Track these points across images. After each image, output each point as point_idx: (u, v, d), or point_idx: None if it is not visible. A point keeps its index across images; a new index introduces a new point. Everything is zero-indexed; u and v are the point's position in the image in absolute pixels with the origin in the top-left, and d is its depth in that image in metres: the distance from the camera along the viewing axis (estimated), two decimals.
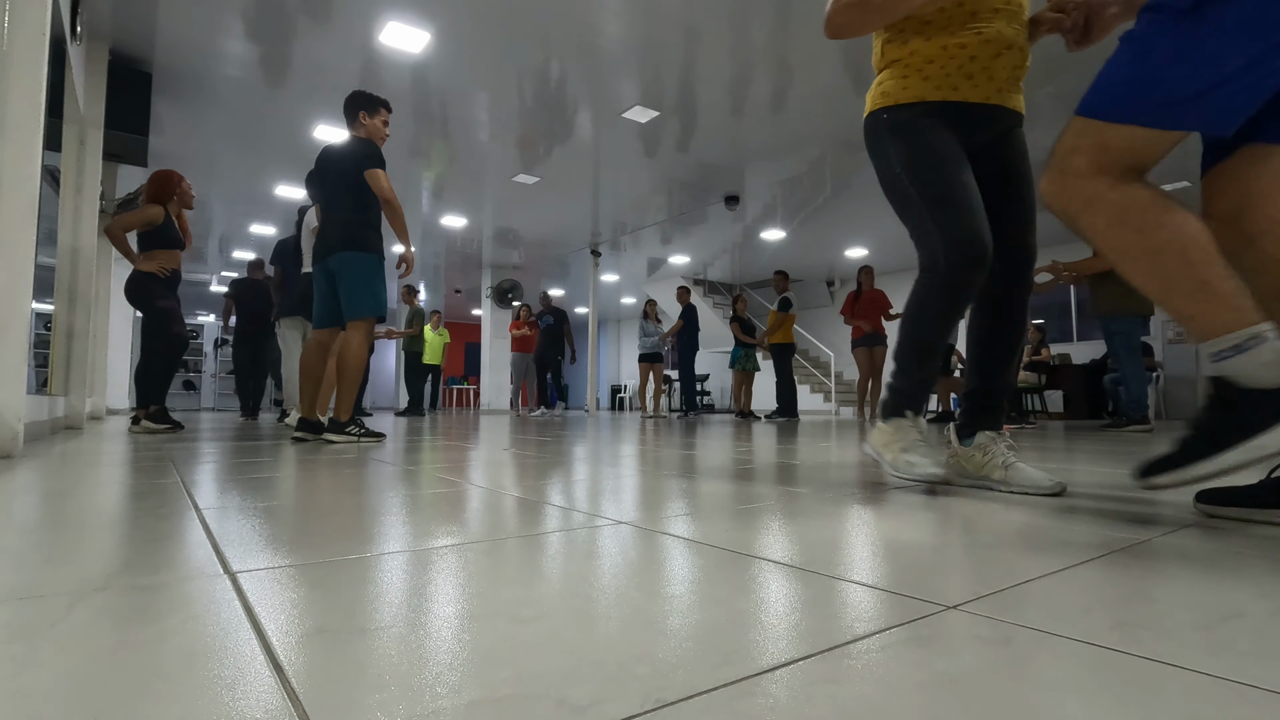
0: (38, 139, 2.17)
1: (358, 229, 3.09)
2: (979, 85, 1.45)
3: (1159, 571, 0.75)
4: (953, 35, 1.44)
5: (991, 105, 1.47)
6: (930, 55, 1.46)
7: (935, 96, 1.46)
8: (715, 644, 0.52)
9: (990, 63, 1.44)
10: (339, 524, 1.01)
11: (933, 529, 0.99)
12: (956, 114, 1.46)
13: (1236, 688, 0.44)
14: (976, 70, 1.44)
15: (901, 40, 1.50)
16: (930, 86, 1.46)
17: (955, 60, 1.44)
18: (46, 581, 0.69)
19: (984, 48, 1.43)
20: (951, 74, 1.45)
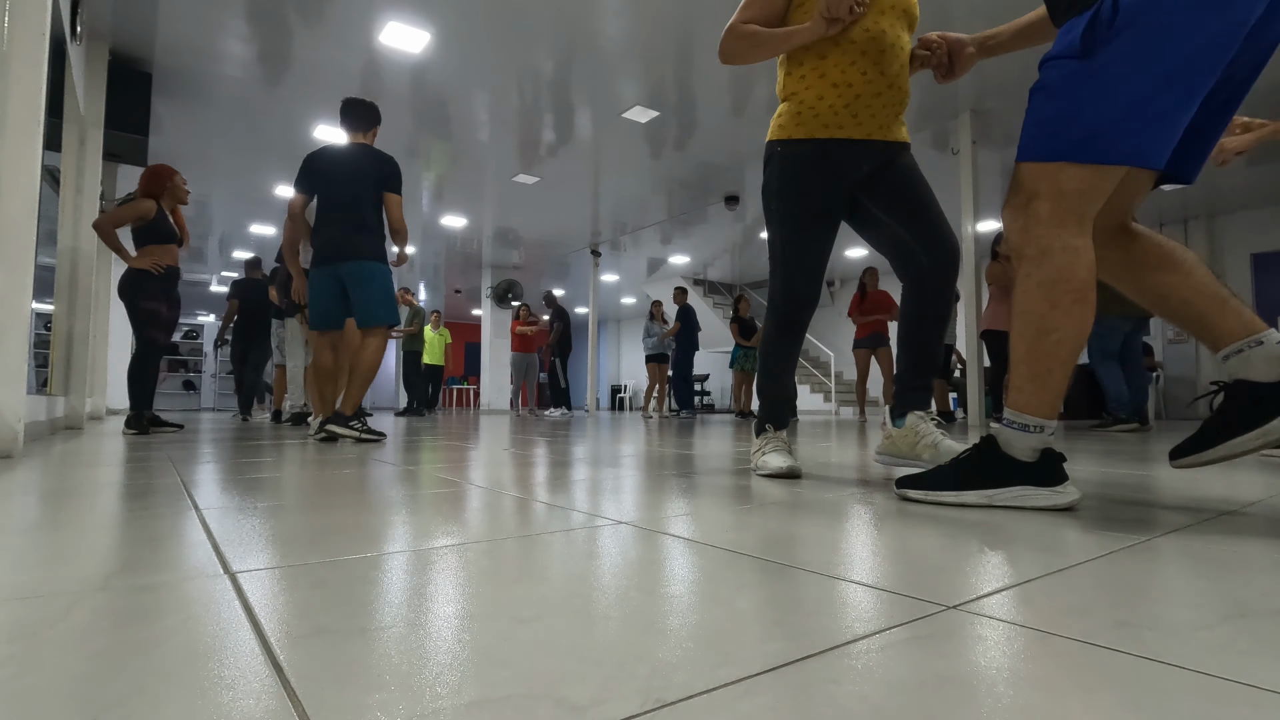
0: (38, 139, 2.17)
1: (381, 240, 3.19)
2: (862, 123, 1.63)
3: (1159, 571, 0.75)
4: (842, 72, 1.61)
5: (873, 140, 1.65)
6: (821, 92, 1.63)
7: (823, 134, 1.63)
8: (715, 644, 0.52)
9: (872, 101, 1.61)
10: (339, 524, 1.01)
11: (932, 529, 0.99)
12: (842, 149, 1.64)
13: (1236, 688, 0.44)
14: (860, 109, 1.61)
15: (799, 74, 1.67)
16: (819, 124, 1.63)
17: (843, 98, 1.61)
18: (46, 581, 0.69)
19: (867, 87, 1.60)
20: (839, 112, 1.62)
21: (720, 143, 6.55)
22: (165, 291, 3.78)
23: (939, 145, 6.54)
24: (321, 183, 3.16)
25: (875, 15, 1.61)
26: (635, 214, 9.01)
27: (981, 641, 0.52)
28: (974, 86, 5.35)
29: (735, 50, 1.66)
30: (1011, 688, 0.44)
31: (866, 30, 1.59)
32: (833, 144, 1.64)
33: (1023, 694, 0.43)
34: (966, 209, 5.81)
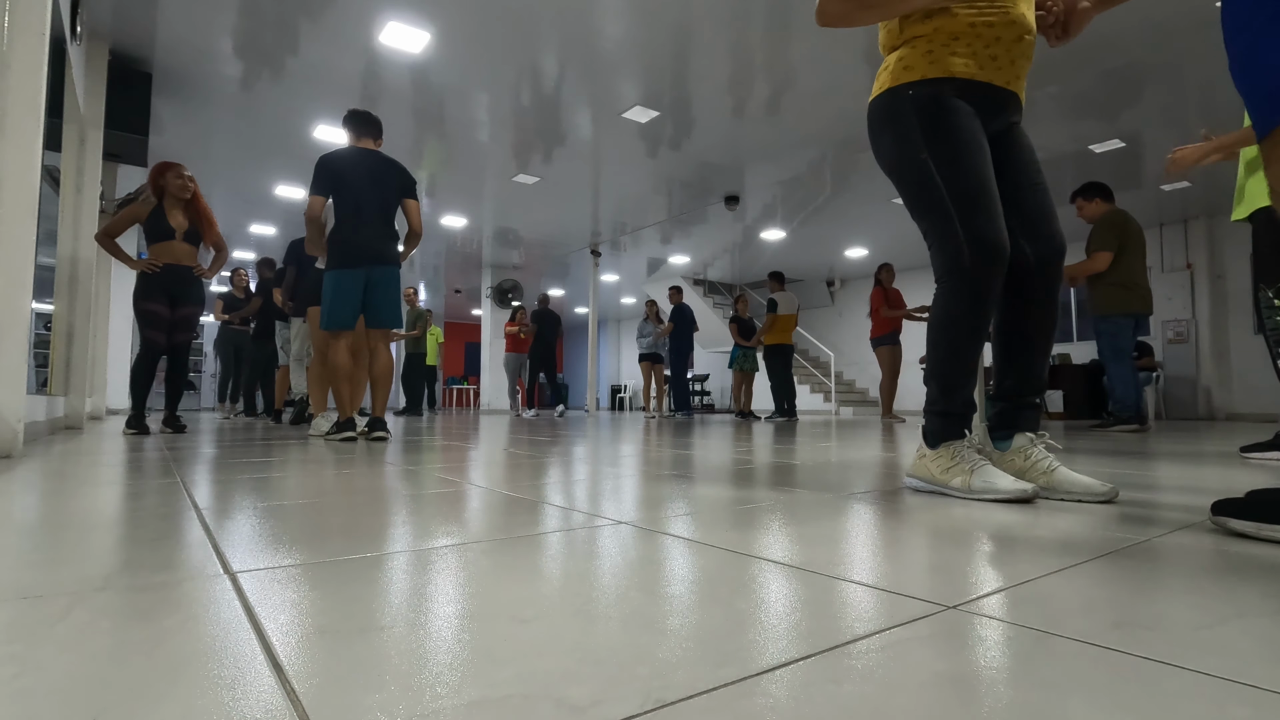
0: (38, 139, 2.17)
1: (398, 245, 3.33)
2: (1001, 68, 1.40)
3: (1159, 571, 0.75)
4: (980, 13, 1.38)
5: (1009, 90, 1.42)
6: (956, 31, 1.38)
7: (964, 74, 1.38)
8: (715, 644, 0.52)
9: (1012, 46, 1.39)
10: (339, 524, 1.01)
11: (932, 529, 0.99)
12: (980, 95, 1.40)
13: (1236, 688, 0.44)
14: (1000, 52, 1.39)
15: (923, 16, 1.42)
16: (959, 62, 1.38)
17: (982, 39, 1.38)
18: (46, 581, 0.69)
19: (1008, 29, 1.38)
20: (978, 52, 1.38)
21: (720, 143, 6.55)
22: (165, 291, 3.71)
23: None
24: (347, 186, 3.18)
25: None
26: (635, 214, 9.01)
27: (981, 641, 0.52)
28: None
29: (842, 11, 1.41)
30: (1011, 688, 0.44)
31: None
32: (972, 85, 1.40)
33: (1023, 694, 0.43)
34: None
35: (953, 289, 1.38)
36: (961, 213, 1.35)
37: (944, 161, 1.37)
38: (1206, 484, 1.55)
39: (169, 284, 3.74)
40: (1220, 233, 8.84)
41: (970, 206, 1.34)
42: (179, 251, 3.76)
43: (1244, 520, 0.95)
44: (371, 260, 3.19)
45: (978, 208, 1.34)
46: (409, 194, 3.32)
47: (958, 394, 1.41)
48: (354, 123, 3.32)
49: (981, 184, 1.35)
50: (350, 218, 3.18)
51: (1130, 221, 4.37)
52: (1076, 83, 5.27)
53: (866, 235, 9.91)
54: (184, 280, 3.78)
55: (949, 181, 1.36)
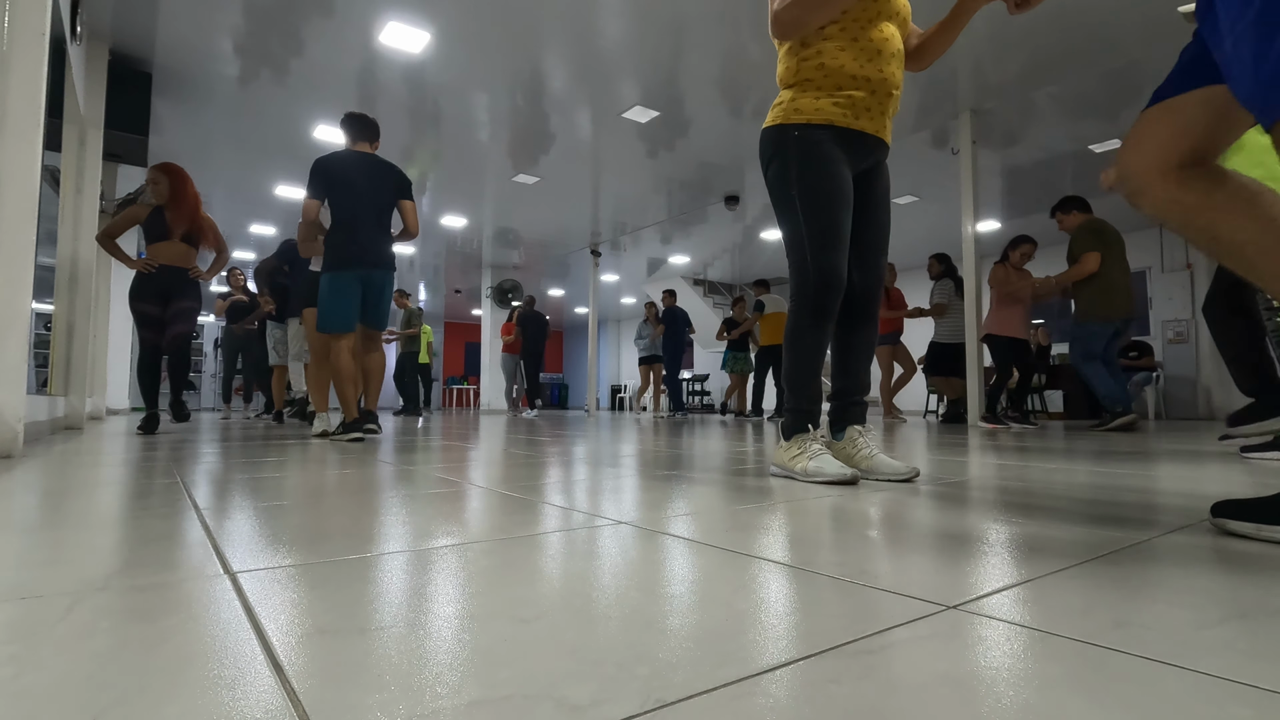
0: (38, 139, 2.17)
1: (393, 248, 3.40)
2: (874, 118, 1.66)
3: (1159, 571, 0.75)
4: (861, 67, 1.63)
5: (878, 138, 1.68)
6: (841, 82, 1.64)
7: (842, 123, 1.64)
8: (715, 644, 0.52)
9: (884, 99, 1.65)
10: (339, 524, 1.01)
11: (932, 529, 0.99)
12: (853, 141, 1.66)
13: (1236, 688, 0.44)
14: (874, 105, 1.65)
15: (818, 62, 1.65)
16: (839, 112, 1.64)
17: (860, 91, 1.63)
18: (46, 581, 0.69)
19: (882, 85, 1.64)
20: (856, 104, 1.64)
21: (720, 143, 6.55)
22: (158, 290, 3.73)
23: (939, 145, 6.54)
24: (343, 190, 3.21)
25: (887, 20, 1.66)
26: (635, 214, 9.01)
27: (981, 641, 0.52)
28: (974, 86, 5.35)
29: (796, 16, 1.60)
30: (1012, 688, 0.44)
31: (881, 32, 1.63)
32: (850, 134, 1.65)
33: (1023, 694, 0.43)
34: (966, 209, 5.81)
35: (799, 310, 1.67)
36: (814, 247, 1.64)
37: (808, 201, 1.64)
38: (1206, 483, 1.55)
39: (163, 283, 3.76)
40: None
41: (821, 244, 1.63)
42: (174, 252, 3.78)
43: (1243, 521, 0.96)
44: (369, 264, 3.24)
45: (827, 246, 1.63)
46: (405, 195, 3.38)
47: (803, 393, 1.70)
48: (351, 126, 3.37)
49: (834, 226, 1.63)
50: (347, 221, 3.21)
51: (1106, 227, 4.53)
52: (1076, 83, 5.27)
53: None
54: (178, 280, 3.81)
55: (809, 219, 1.64)
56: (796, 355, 1.69)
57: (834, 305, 1.65)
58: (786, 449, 1.66)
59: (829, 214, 1.62)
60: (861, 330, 1.75)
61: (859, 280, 1.71)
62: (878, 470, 1.60)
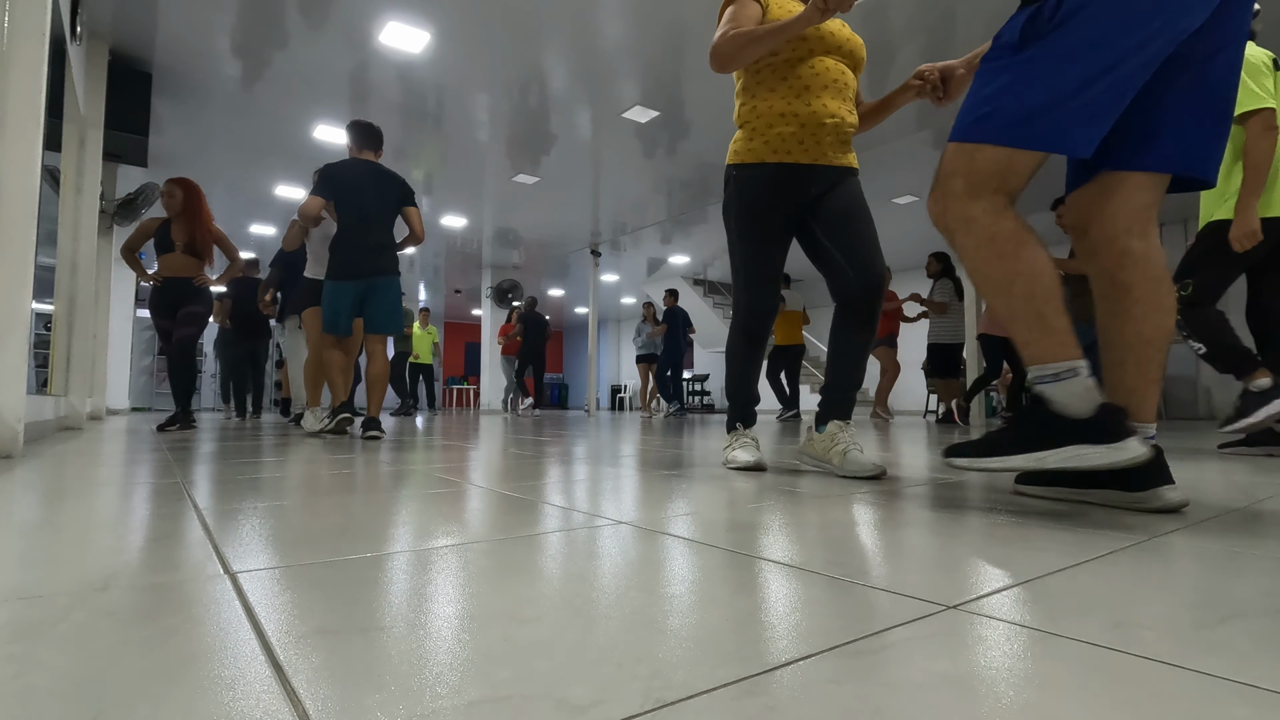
0: (38, 139, 2.17)
1: (396, 254, 3.47)
2: (808, 149, 1.77)
3: (1159, 571, 0.75)
4: (789, 104, 1.76)
5: (818, 166, 1.78)
6: (770, 120, 1.78)
7: (773, 159, 1.78)
8: (715, 644, 0.52)
9: (816, 130, 1.75)
10: (339, 524, 1.01)
11: (933, 529, 0.99)
12: (790, 173, 1.78)
13: (1236, 688, 0.44)
14: (806, 137, 1.76)
15: (751, 105, 1.82)
16: (768, 150, 1.78)
17: (790, 127, 1.76)
18: (46, 581, 0.69)
19: (811, 118, 1.75)
20: (786, 139, 1.76)
21: (720, 143, 6.54)
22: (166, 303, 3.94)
23: (939, 145, 6.54)
24: (348, 198, 3.30)
25: (821, 56, 1.76)
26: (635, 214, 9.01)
27: (981, 641, 0.52)
28: None
29: (729, 53, 1.71)
30: (1012, 687, 0.44)
31: (813, 68, 1.75)
32: (783, 168, 1.77)
33: (1023, 694, 0.43)
34: None
35: (735, 330, 1.92)
36: (741, 280, 1.87)
37: (741, 237, 1.85)
38: (1207, 483, 1.55)
39: (170, 295, 3.96)
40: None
41: (746, 278, 1.86)
42: (177, 263, 3.96)
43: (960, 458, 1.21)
44: (369, 273, 3.33)
45: (751, 280, 1.85)
46: (408, 202, 3.45)
47: (737, 400, 1.97)
48: (356, 134, 3.44)
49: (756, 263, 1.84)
50: (351, 229, 3.30)
51: None
52: None
53: None
54: (182, 291, 3.99)
55: (737, 254, 1.87)
56: (732, 369, 1.95)
57: (760, 330, 1.88)
58: (726, 443, 1.96)
59: (752, 252, 1.83)
60: (856, 330, 1.79)
61: (853, 281, 1.76)
62: (847, 467, 1.67)
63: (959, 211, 1.20)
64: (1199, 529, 1.00)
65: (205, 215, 4.07)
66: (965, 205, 1.18)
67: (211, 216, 4.14)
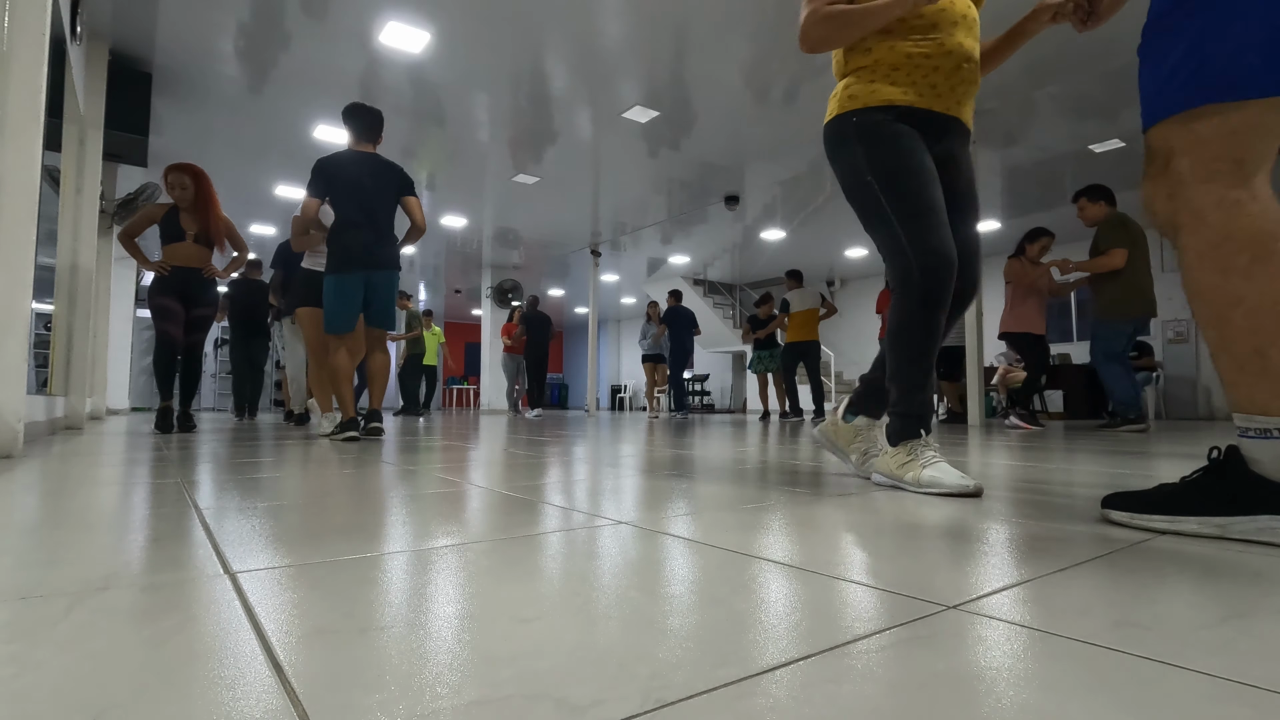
0: (38, 139, 2.17)
1: (398, 249, 3.37)
2: (941, 96, 1.49)
3: (1159, 571, 0.75)
4: (916, 45, 1.47)
5: (950, 116, 1.51)
6: (895, 63, 1.49)
7: (903, 101, 1.48)
8: (715, 644, 0.52)
9: (951, 74, 1.48)
10: (339, 524, 1.01)
11: (933, 529, 0.99)
12: (921, 121, 1.49)
13: (1236, 688, 0.44)
14: (940, 80, 1.48)
15: (864, 49, 1.53)
16: (898, 91, 1.48)
17: (920, 69, 1.47)
18: (46, 581, 0.69)
19: (946, 59, 1.47)
20: (917, 82, 1.48)
21: (720, 143, 6.54)
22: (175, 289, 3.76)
23: None
24: (346, 191, 3.19)
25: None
26: (635, 214, 9.01)
27: (981, 641, 0.52)
28: None
29: (823, 34, 1.49)
30: (1012, 688, 0.44)
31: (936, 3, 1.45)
32: (912, 111, 1.48)
33: (1023, 694, 0.43)
34: None
35: (905, 300, 1.47)
36: (908, 232, 1.45)
37: (887, 185, 1.47)
38: None
39: (179, 285, 3.79)
40: None
41: (915, 225, 1.45)
42: (188, 253, 3.79)
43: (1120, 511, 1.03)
44: (371, 265, 3.23)
45: (922, 226, 1.44)
46: (408, 192, 3.35)
47: (915, 395, 1.49)
48: (354, 123, 3.31)
49: (924, 203, 1.45)
50: (349, 222, 3.19)
51: (1132, 223, 4.39)
52: (1076, 83, 5.27)
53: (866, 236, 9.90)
54: (194, 282, 3.81)
55: (893, 203, 1.47)
56: (905, 350, 1.49)
57: (945, 289, 1.44)
58: (894, 455, 1.47)
59: (916, 191, 1.45)
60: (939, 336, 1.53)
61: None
62: (862, 469, 1.56)
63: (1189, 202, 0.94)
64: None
65: (215, 202, 3.93)
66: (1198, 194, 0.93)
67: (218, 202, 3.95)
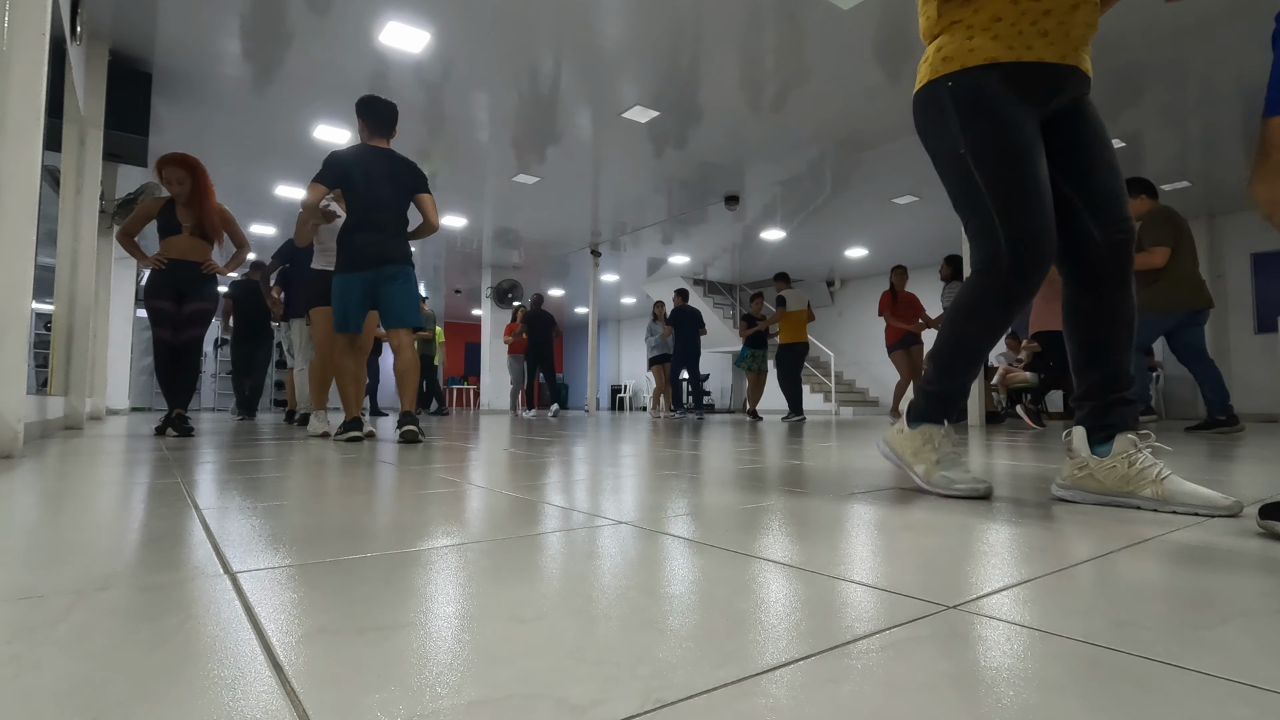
0: (38, 139, 2.17)
1: (409, 244, 3.30)
2: (1055, 43, 1.28)
3: (1159, 571, 0.75)
4: None
5: (1068, 66, 1.30)
6: (998, 12, 1.28)
7: (1008, 58, 1.28)
8: (715, 644, 0.52)
9: (1066, 16, 1.27)
10: (339, 524, 1.01)
11: (933, 529, 0.99)
12: (1031, 77, 1.29)
13: (1236, 688, 0.44)
14: (1052, 26, 1.27)
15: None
16: (1001, 46, 1.28)
17: (1028, 15, 1.27)
18: (46, 581, 0.69)
19: (1058, 1, 1.26)
20: (1025, 30, 1.27)
21: (720, 142, 6.54)
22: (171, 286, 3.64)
23: None
24: (357, 187, 3.12)
25: None
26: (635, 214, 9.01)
27: (981, 641, 0.52)
28: None
29: None
30: (1012, 688, 0.44)
31: None
32: (1020, 68, 1.29)
33: (1023, 694, 0.43)
34: None
35: (984, 283, 1.33)
36: (1001, 211, 1.29)
37: (983, 159, 1.31)
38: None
39: (175, 280, 3.65)
40: (1220, 232, 8.84)
41: (1009, 205, 1.28)
42: (185, 246, 3.66)
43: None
44: (379, 263, 3.15)
45: (1017, 207, 1.28)
46: (422, 189, 3.27)
47: (953, 380, 1.39)
48: (368, 116, 3.24)
49: (1022, 182, 1.28)
50: (362, 220, 3.13)
51: (1176, 215, 4.23)
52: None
53: (867, 235, 9.90)
54: (191, 276, 3.68)
55: (988, 179, 1.31)
56: (958, 334, 1.36)
57: (1036, 278, 1.29)
58: (910, 438, 1.38)
59: (1015, 165, 1.29)
60: (1116, 301, 1.32)
61: (1101, 238, 1.32)
62: (1177, 499, 1.15)
63: None
64: (1200, 529, 1.00)
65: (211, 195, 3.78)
66: None
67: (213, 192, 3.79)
